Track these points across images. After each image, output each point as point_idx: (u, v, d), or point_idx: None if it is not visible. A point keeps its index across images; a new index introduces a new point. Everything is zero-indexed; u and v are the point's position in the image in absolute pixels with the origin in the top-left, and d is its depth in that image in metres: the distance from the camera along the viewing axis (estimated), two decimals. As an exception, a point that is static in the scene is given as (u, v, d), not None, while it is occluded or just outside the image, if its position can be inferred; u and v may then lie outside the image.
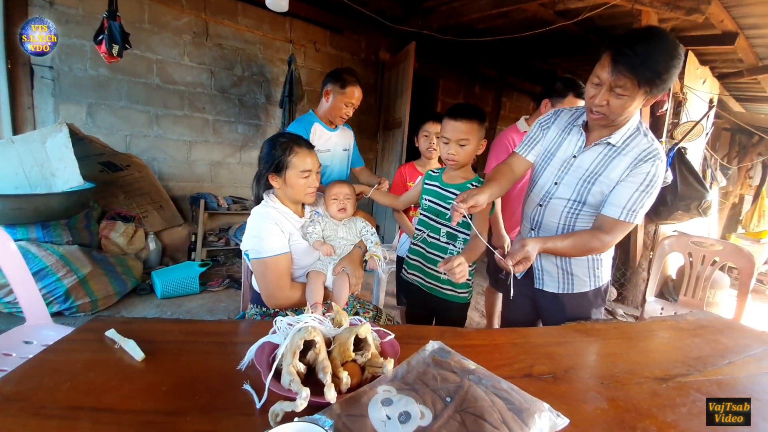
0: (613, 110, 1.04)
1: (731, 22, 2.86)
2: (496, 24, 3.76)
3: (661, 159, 1.09)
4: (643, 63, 0.96)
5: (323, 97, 1.89)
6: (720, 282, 3.07)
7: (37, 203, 2.28)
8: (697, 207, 2.85)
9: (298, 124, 1.89)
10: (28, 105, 2.76)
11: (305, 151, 1.26)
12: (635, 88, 0.99)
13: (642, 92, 1.00)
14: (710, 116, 3.34)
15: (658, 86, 0.99)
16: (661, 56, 0.96)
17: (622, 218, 1.11)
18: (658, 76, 0.97)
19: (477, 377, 0.68)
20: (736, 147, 6.53)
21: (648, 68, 0.96)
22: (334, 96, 1.84)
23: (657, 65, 0.96)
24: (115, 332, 0.87)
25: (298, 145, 1.26)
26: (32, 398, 0.69)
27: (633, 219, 1.11)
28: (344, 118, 1.90)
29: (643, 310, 2.21)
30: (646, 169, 1.08)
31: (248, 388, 0.72)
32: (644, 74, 0.96)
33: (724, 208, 6.13)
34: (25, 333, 1.35)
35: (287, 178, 1.25)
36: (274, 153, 1.25)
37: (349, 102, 1.85)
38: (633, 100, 1.01)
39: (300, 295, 1.26)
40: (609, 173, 1.13)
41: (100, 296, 2.42)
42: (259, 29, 3.58)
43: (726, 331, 1.22)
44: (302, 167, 1.24)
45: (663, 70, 0.97)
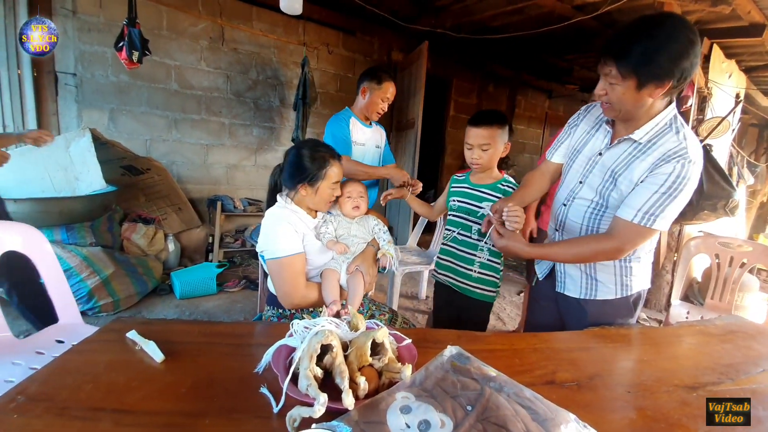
0: (612, 99, 1.02)
1: (758, 13, 2.74)
2: (510, 21, 3.70)
3: (689, 159, 0.97)
4: (619, 47, 0.95)
5: (360, 95, 2.00)
6: (749, 285, 2.94)
7: (61, 206, 2.36)
8: (724, 206, 2.73)
9: (337, 118, 2.00)
10: (52, 111, 2.86)
11: (338, 163, 1.31)
12: (618, 75, 0.96)
13: (630, 79, 0.95)
14: (737, 112, 3.20)
15: (647, 71, 0.93)
16: (640, 38, 0.92)
17: (635, 221, 1.01)
18: (637, 59, 0.92)
19: (498, 385, 0.66)
20: (765, 143, 6.26)
21: (623, 51, 0.94)
22: (371, 92, 1.96)
23: (632, 47, 0.93)
24: (136, 333, 0.89)
25: (333, 158, 1.29)
26: (56, 398, 0.70)
27: (651, 224, 1.00)
28: (380, 113, 2.02)
29: (668, 314, 2.13)
30: (668, 169, 0.98)
31: (266, 392, 0.72)
32: (620, 57, 0.94)
33: (751, 208, 5.87)
34: (58, 332, 1.39)
35: (319, 189, 1.27)
36: (311, 164, 1.26)
37: (385, 97, 1.97)
38: (626, 88, 0.97)
39: (315, 295, 1.26)
40: (630, 174, 1.04)
41: (122, 296, 2.49)
42: (273, 33, 3.62)
43: (758, 337, 1.16)
44: (336, 178, 1.29)
45: (641, 52, 0.92)
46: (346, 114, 2.01)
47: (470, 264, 1.48)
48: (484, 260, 1.47)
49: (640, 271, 1.19)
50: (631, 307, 1.22)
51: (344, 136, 1.93)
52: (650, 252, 1.21)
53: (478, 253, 1.46)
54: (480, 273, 1.47)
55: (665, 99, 1.02)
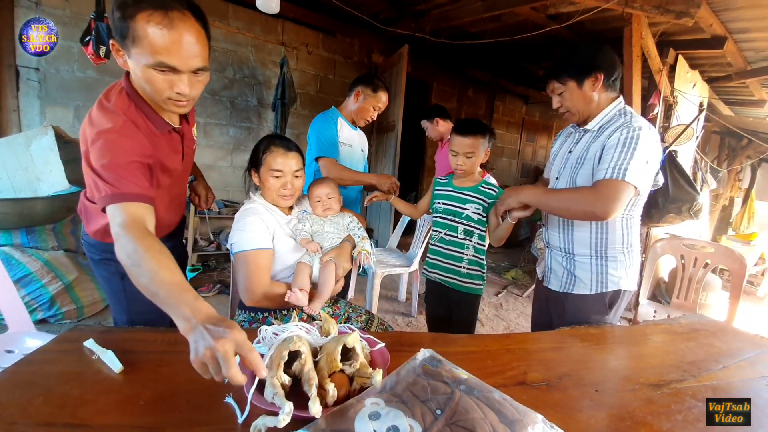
0: (567, 106, 1.26)
1: (720, 26, 2.90)
2: (488, 27, 3.78)
3: (634, 126, 1.14)
4: (553, 69, 1.26)
5: (352, 97, 1.98)
6: (712, 284, 3.09)
7: (21, 208, 2.23)
8: (689, 209, 2.87)
9: (324, 117, 1.97)
10: (13, 107, 2.71)
11: (281, 151, 1.24)
12: (560, 85, 1.24)
13: (569, 81, 1.22)
14: (700, 119, 3.37)
15: (576, 70, 1.21)
16: (562, 56, 1.25)
17: (608, 176, 1.11)
18: (566, 67, 1.22)
19: (468, 387, 0.66)
20: (726, 150, 6.62)
21: (556, 69, 1.25)
22: (364, 98, 1.95)
23: (560, 64, 1.25)
24: (94, 342, 0.84)
25: (274, 144, 1.25)
26: (3, 413, 0.65)
27: (622, 176, 1.10)
28: (368, 121, 2.02)
29: (637, 312, 2.21)
30: (617, 134, 1.14)
31: (230, 401, 0.69)
32: (555, 75, 1.24)
33: (714, 211, 6.20)
34: (7, 341, 1.31)
35: (261, 175, 1.25)
36: (257, 148, 1.28)
37: (377, 106, 1.98)
38: (570, 91, 1.23)
39: (281, 291, 1.20)
40: (590, 155, 1.21)
41: (86, 303, 2.37)
42: (250, 31, 3.56)
43: (719, 335, 1.21)
44: (273, 165, 1.23)
45: (566, 61, 1.23)
46: (333, 114, 1.98)
47: (459, 261, 1.57)
48: (471, 257, 1.55)
49: (617, 270, 1.26)
50: (606, 304, 1.28)
51: (331, 137, 1.89)
52: (628, 252, 1.27)
53: (464, 251, 1.56)
54: (468, 269, 1.56)
55: (610, 94, 1.24)
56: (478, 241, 1.55)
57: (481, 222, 1.54)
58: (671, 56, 3.29)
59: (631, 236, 1.27)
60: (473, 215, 1.53)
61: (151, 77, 0.88)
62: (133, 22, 0.83)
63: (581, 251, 1.28)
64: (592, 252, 1.26)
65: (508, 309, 3.27)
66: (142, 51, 0.84)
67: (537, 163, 7.01)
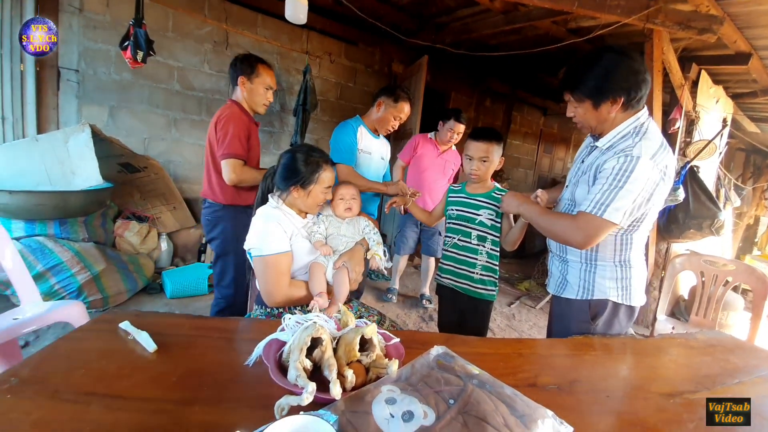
0: (578, 119, 1.23)
1: (744, 43, 2.86)
2: (508, 40, 3.81)
3: (632, 155, 1.07)
4: (570, 80, 1.19)
5: (375, 107, 2.05)
6: (733, 303, 3.00)
7: (56, 200, 2.36)
8: (710, 226, 2.81)
9: (345, 125, 2.04)
10: (53, 105, 2.87)
11: (331, 168, 1.35)
12: (575, 101, 1.19)
13: (585, 102, 1.17)
14: (723, 135, 3.31)
15: (595, 94, 1.14)
16: (585, 70, 1.15)
17: (588, 210, 1.11)
18: (585, 87, 1.15)
19: (480, 382, 0.69)
20: (751, 167, 6.43)
21: (574, 82, 1.18)
22: (386, 108, 2.01)
23: (580, 78, 1.16)
24: (129, 324, 0.90)
25: (326, 163, 1.34)
26: (47, 382, 0.72)
27: (602, 213, 1.08)
28: (390, 130, 2.08)
29: (654, 329, 2.17)
30: (611, 164, 1.10)
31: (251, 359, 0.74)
32: (572, 88, 1.18)
33: (738, 229, 6.00)
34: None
35: (312, 192, 1.31)
36: (304, 168, 1.30)
37: (398, 116, 2.03)
38: (585, 109, 1.18)
39: (302, 293, 1.28)
40: (592, 173, 1.19)
41: (111, 293, 2.47)
42: (277, 40, 3.69)
43: (737, 351, 1.19)
44: (328, 183, 1.33)
45: (587, 81, 1.14)
46: (355, 122, 2.05)
47: (472, 267, 1.59)
48: (484, 262, 1.57)
49: (605, 279, 1.24)
50: (588, 312, 1.26)
51: (350, 144, 1.96)
52: (623, 266, 1.24)
53: (478, 256, 1.57)
54: (481, 275, 1.58)
55: (629, 112, 1.17)
56: (492, 247, 1.57)
57: (494, 228, 1.56)
58: (694, 71, 3.25)
59: (628, 252, 1.23)
60: (486, 221, 1.55)
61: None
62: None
63: (572, 258, 1.31)
64: (582, 259, 1.28)
65: (520, 320, 3.24)
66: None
67: (554, 174, 6.94)
